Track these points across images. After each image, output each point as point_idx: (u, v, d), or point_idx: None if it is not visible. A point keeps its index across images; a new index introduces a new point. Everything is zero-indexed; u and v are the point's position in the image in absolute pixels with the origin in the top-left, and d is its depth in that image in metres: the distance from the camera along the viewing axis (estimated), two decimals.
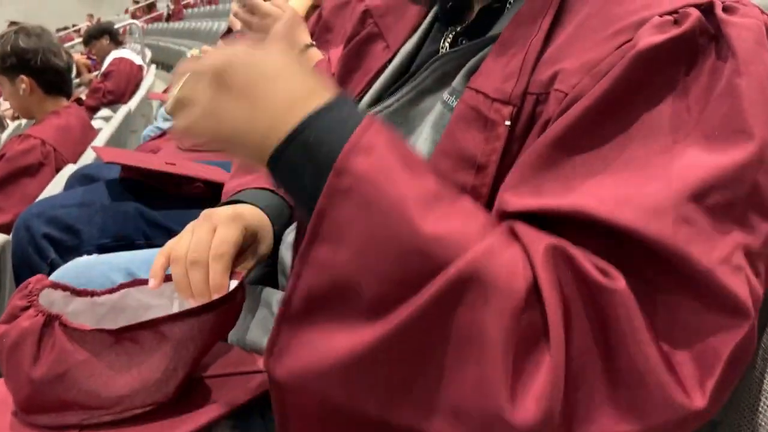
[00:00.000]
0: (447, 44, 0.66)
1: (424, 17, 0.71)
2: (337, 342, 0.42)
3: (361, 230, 0.42)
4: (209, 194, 1.26)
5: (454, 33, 0.66)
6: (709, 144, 0.42)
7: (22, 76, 2.04)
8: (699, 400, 0.40)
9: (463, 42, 0.64)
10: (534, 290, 0.41)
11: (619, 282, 0.41)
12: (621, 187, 0.42)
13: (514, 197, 0.46)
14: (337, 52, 0.88)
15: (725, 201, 0.41)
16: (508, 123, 0.50)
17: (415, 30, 0.71)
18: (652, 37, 0.45)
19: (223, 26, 7.04)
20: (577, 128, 0.45)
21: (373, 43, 0.75)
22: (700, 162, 0.42)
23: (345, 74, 0.77)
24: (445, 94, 0.58)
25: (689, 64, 0.45)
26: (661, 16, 0.46)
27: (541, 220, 0.44)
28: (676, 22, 0.45)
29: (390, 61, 0.71)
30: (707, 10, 0.45)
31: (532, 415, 0.39)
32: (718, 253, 0.41)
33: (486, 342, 0.40)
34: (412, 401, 0.42)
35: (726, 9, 0.46)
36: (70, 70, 2.20)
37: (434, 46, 0.67)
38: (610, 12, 0.49)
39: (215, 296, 0.61)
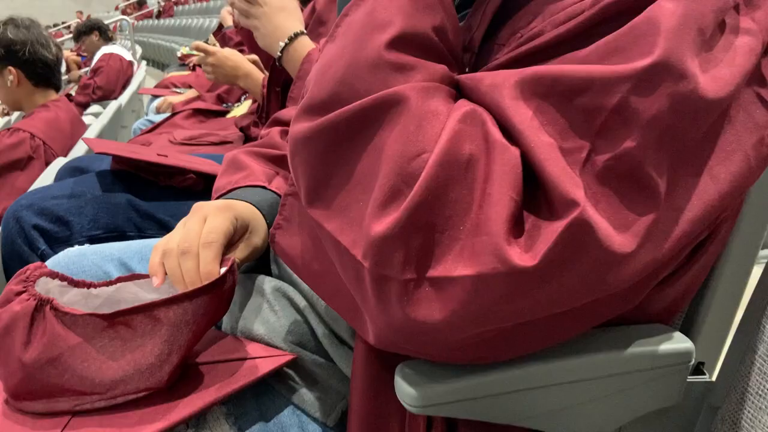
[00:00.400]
0: None
1: None
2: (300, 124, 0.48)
3: (352, 29, 0.49)
4: (201, 186, 1.25)
5: None
6: (613, 55, 0.43)
7: (10, 68, 2.02)
8: (527, 260, 0.41)
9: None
10: (437, 133, 0.44)
11: (514, 148, 0.43)
12: (532, 70, 0.45)
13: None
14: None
15: (591, 105, 0.42)
16: (466, 69, 0.53)
17: None
18: None
19: (214, 23, 7.01)
20: (532, 53, 0.47)
21: None
22: (592, 70, 0.42)
23: None
24: None
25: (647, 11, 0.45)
26: None
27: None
28: None
29: None
30: None
31: (384, 228, 0.42)
32: (563, 143, 0.42)
33: (382, 157, 0.44)
34: (323, 197, 0.47)
35: None
36: (59, 62, 2.18)
37: None
38: None
39: (206, 283, 0.61)
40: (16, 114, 3.57)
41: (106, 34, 4.52)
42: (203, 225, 0.70)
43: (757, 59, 0.46)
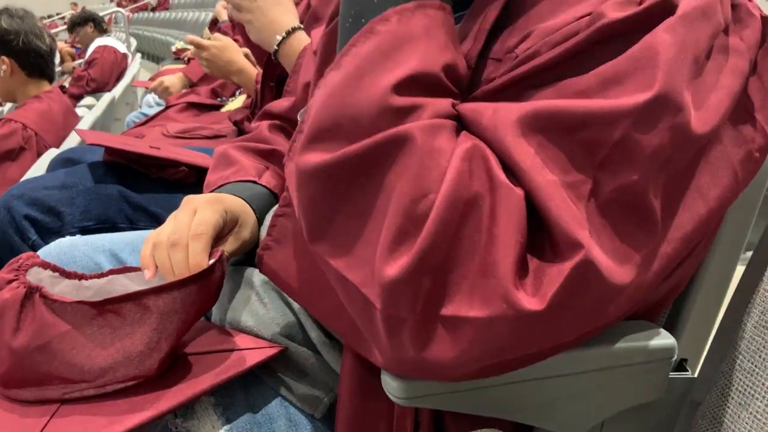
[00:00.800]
0: None
1: None
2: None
3: (360, 62, 0.47)
4: (193, 178, 1.25)
5: None
6: (613, 87, 0.43)
7: (3, 57, 2.01)
8: (535, 304, 0.42)
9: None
10: (443, 173, 0.44)
11: (518, 189, 0.44)
12: (531, 105, 0.45)
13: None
14: (319, 32, 0.87)
15: (593, 140, 0.43)
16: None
17: None
18: (614, 13, 0.46)
19: (209, 17, 6.98)
20: (516, 81, 0.48)
21: None
22: (594, 104, 0.43)
23: (328, 54, 0.77)
24: None
25: (637, 38, 0.45)
26: None
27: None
28: (639, 3, 0.46)
29: None
30: None
31: (395, 273, 0.42)
32: (558, 177, 0.43)
33: (390, 197, 0.44)
34: (327, 234, 0.47)
35: None
36: (53, 53, 2.18)
37: None
38: None
39: (195, 273, 0.62)
40: (8, 105, 3.55)
41: (100, 26, 4.49)
42: (193, 217, 0.71)
43: (744, 79, 0.47)
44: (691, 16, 0.45)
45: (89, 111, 2.79)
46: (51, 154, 1.57)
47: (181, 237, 0.68)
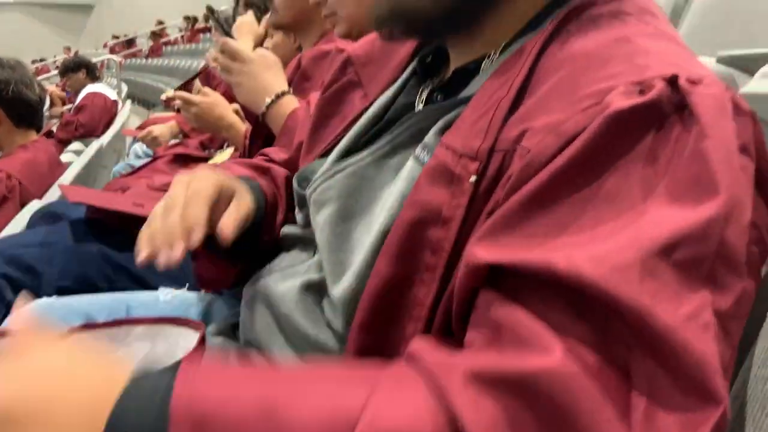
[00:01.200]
0: (423, 98, 0.67)
1: (403, 70, 0.73)
2: None
3: None
4: None
5: (430, 88, 0.67)
6: (677, 203, 0.42)
7: None
8: None
9: (438, 98, 0.65)
10: None
11: (552, 355, 0.39)
12: (589, 245, 0.42)
13: (483, 250, 0.46)
14: (316, 96, 0.88)
15: (693, 257, 0.41)
16: (473, 179, 0.51)
17: (393, 82, 0.72)
18: (622, 102, 0.45)
19: (201, 64, 7.08)
20: (549, 187, 0.45)
21: (352, 91, 0.77)
22: (668, 219, 0.42)
23: (322, 119, 0.78)
24: (418, 150, 0.59)
25: (657, 130, 0.45)
26: (633, 84, 0.47)
27: (508, 275, 0.44)
28: (641, 92, 0.46)
29: (366, 109, 0.72)
30: (672, 81, 0.47)
31: None
32: (684, 309, 0.39)
33: None
34: None
35: (690, 81, 0.47)
36: (42, 103, 2.19)
37: (410, 98, 0.69)
38: (579, 78, 0.50)
39: (194, 233, 0.58)
40: None
41: (93, 73, 4.54)
42: (187, 188, 0.65)
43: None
44: (717, 118, 0.45)
45: (77, 156, 2.79)
46: (33, 207, 1.55)
47: (176, 201, 0.62)
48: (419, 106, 0.67)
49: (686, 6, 1.73)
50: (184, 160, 2.26)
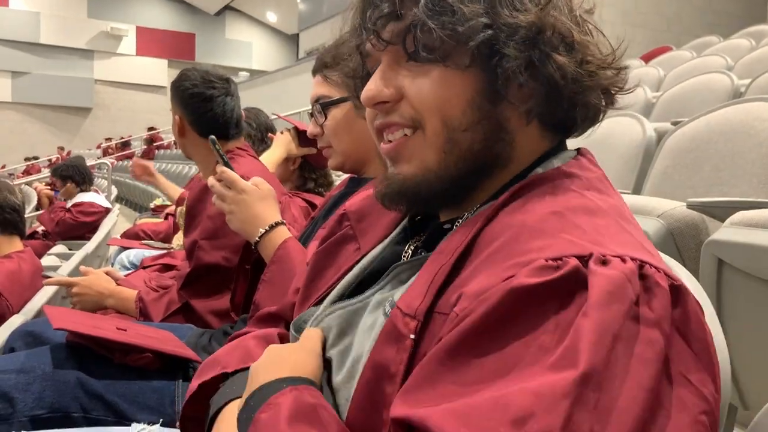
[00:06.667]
0: (410, 251, 0.71)
1: (396, 226, 0.77)
2: None
3: None
4: (157, 365, 1.23)
5: (416, 244, 0.71)
6: (544, 373, 0.46)
7: None
8: None
9: (421, 252, 0.69)
10: None
11: None
12: (465, 404, 0.47)
13: (395, 403, 0.52)
14: (314, 246, 0.92)
15: (541, 429, 0.43)
16: (412, 336, 0.56)
17: (386, 237, 0.77)
18: (526, 279, 0.50)
19: (193, 170, 7.23)
20: (452, 347, 0.50)
21: (347, 243, 0.81)
22: (527, 389, 0.45)
23: (318, 270, 0.82)
24: (387, 305, 0.64)
25: (550, 306, 0.50)
26: (546, 260, 0.51)
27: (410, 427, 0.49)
28: (556, 268, 0.51)
29: (359, 261, 0.76)
30: (585, 261, 0.51)
31: None
32: None
33: None
34: None
35: (601, 260, 0.51)
36: (24, 209, 2.22)
37: (398, 249, 0.73)
38: (513, 248, 0.55)
39: None
40: None
41: (83, 183, 4.58)
42: None
43: (660, 353, 0.48)
44: (603, 301, 0.48)
45: (59, 261, 2.78)
46: (12, 323, 1.54)
47: None
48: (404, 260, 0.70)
49: (657, 149, 1.83)
50: (171, 270, 2.26)
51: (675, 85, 3.17)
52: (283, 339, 0.87)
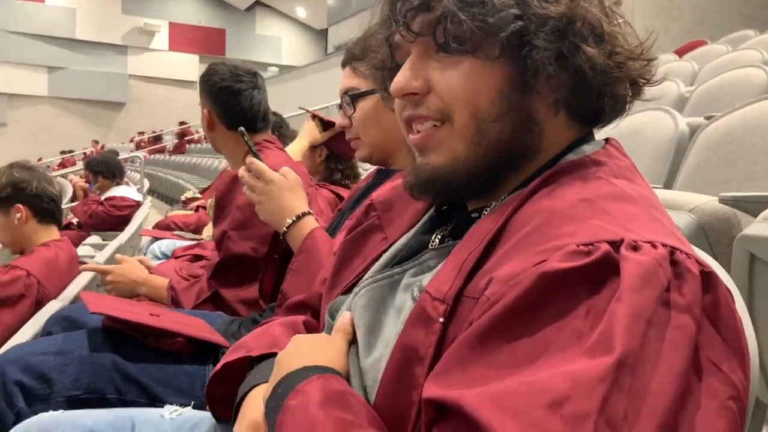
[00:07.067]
0: (437, 240, 0.72)
1: (422, 216, 0.78)
2: None
3: None
4: (190, 350, 1.26)
5: (443, 233, 0.72)
6: (579, 358, 0.46)
7: (18, 205, 2.09)
8: None
9: (448, 241, 0.70)
10: None
11: None
12: (499, 388, 0.47)
13: (427, 385, 0.52)
14: (341, 237, 0.94)
15: (578, 412, 0.44)
16: (441, 320, 0.57)
17: (412, 226, 0.78)
18: (558, 263, 0.51)
19: (223, 164, 7.32)
20: (483, 332, 0.51)
21: (374, 233, 0.82)
22: (565, 373, 0.45)
23: (345, 260, 0.84)
24: (415, 289, 0.65)
25: (582, 290, 0.50)
26: (577, 245, 0.52)
27: (442, 408, 0.50)
28: (588, 253, 0.51)
29: (386, 251, 0.77)
30: (617, 246, 0.51)
31: None
32: None
33: None
34: None
35: (632, 247, 0.51)
36: (61, 199, 2.27)
37: (425, 238, 0.74)
38: (544, 233, 0.56)
39: None
40: None
41: (114, 177, 4.67)
42: None
43: (691, 338, 0.49)
44: (636, 286, 0.48)
45: (93, 251, 2.85)
46: (50, 309, 1.58)
47: None
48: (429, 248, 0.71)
49: (690, 144, 1.80)
50: (201, 261, 2.30)
51: (709, 80, 3.11)
52: (309, 326, 0.89)
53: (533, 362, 0.48)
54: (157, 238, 3.12)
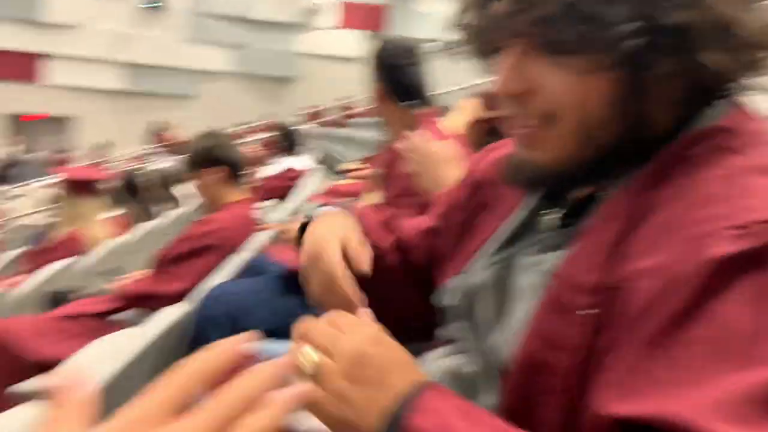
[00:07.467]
0: (557, 219, 0.69)
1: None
2: None
3: None
4: None
5: (554, 213, 0.69)
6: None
7: (216, 167, 2.34)
8: None
9: (560, 223, 0.68)
10: None
11: None
12: (711, 396, 0.44)
13: (609, 401, 0.49)
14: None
15: None
16: (584, 311, 0.55)
17: (518, 203, 0.74)
18: (726, 248, 0.48)
19: (383, 136, 7.50)
20: (665, 335, 0.48)
21: (482, 211, 0.79)
22: None
23: (456, 243, 0.81)
24: (544, 272, 0.63)
25: (752, 277, 0.47)
26: (736, 228, 0.49)
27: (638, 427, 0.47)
28: (742, 236, 0.48)
29: (496, 228, 0.75)
30: None
31: None
32: None
33: None
34: None
35: None
36: (241, 165, 2.49)
37: (537, 216, 0.71)
38: (690, 216, 0.52)
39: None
40: None
41: (288, 151, 5.02)
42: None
43: None
44: None
45: (268, 214, 3.13)
46: (234, 261, 1.78)
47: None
48: (543, 228, 0.70)
49: None
50: None
51: None
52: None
53: (726, 361, 0.46)
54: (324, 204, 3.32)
